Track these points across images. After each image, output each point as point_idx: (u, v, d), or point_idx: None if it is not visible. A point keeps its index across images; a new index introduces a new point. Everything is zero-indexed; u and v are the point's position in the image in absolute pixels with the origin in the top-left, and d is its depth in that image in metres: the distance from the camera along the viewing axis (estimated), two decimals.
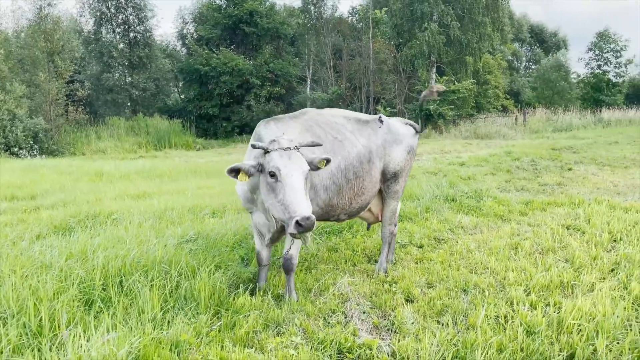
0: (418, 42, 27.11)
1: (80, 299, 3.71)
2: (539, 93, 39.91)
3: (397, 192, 5.20)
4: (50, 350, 2.98)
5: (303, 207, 3.51)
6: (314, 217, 3.47)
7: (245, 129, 30.70)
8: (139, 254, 4.41)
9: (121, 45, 30.22)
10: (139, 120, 28.07)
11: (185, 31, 35.63)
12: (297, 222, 3.42)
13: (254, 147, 3.87)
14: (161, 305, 3.68)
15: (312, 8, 31.79)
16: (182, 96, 34.22)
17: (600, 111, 34.29)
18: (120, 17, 30.23)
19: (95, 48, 29.62)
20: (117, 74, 30.42)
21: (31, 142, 21.38)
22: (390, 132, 5.03)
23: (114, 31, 30.49)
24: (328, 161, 4.02)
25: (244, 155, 4.33)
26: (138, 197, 8.86)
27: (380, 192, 5.15)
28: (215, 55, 29.39)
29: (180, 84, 34.88)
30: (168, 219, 6.59)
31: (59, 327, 3.26)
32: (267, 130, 4.23)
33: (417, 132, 5.41)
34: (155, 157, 20.61)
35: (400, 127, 5.20)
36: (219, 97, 30.20)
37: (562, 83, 39.28)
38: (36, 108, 23.34)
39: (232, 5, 30.81)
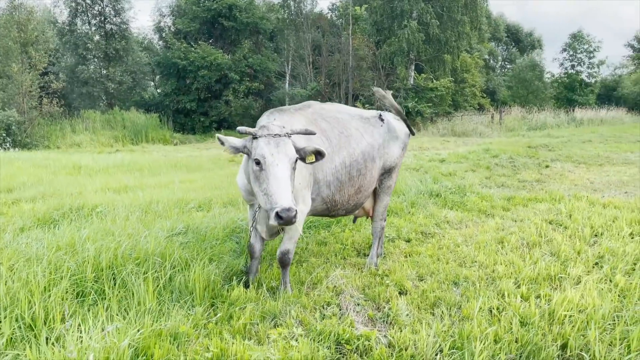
0: (397, 40, 27.25)
1: (72, 292, 3.64)
2: (514, 92, 40.58)
3: (390, 188, 5.23)
4: (47, 343, 2.92)
5: (284, 198, 3.39)
6: (294, 209, 3.36)
7: (223, 124, 30.46)
8: (130, 246, 4.34)
9: (97, 37, 29.58)
10: (115, 114, 27.58)
11: (162, 24, 35.09)
12: (277, 213, 3.34)
13: (240, 132, 3.72)
14: (157, 297, 3.63)
15: (291, 3, 31.67)
16: (159, 90, 33.73)
17: (573, 110, 35.07)
18: (96, 8, 29.57)
19: (70, 40, 28.93)
20: (93, 67, 29.78)
21: (4, 134, 20.83)
22: (389, 129, 5.05)
23: (89, 23, 29.82)
24: (320, 154, 3.84)
25: (224, 152, 4.23)
26: (120, 191, 8.72)
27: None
28: (193, 49, 29.05)
29: (157, 77, 34.39)
30: (154, 212, 6.50)
31: (53, 320, 3.19)
32: (269, 120, 4.15)
33: (412, 134, 5.46)
34: (132, 151, 20.30)
35: (396, 124, 5.23)
36: (196, 92, 29.88)
37: (536, 83, 39.99)
38: (9, 100, 22.73)
39: None
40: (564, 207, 7.67)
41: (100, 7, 29.69)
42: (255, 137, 3.67)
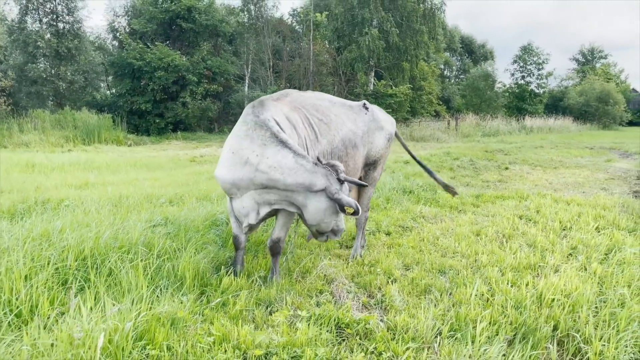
0: (358, 47, 27.54)
1: (56, 281, 3.43)
2: (468, 100, 41.72)
3: (375, 180, 5.22)
4: (40, 329, 2.72)
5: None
6: None
7: (180, 125, 29.80)
8: (112, 235, 4.15)
9: (48, 36, 28.38)
10: (65, 114, 26.45)
11: (116, 24, 34.10)
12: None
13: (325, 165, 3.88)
14: (147, 285, 3.47)
15: (252, 7, 31.46)
16: (113, 91, 32.68)
17: (523, 119, 36.44)
18: (47, 6, 28.36)
19: (20, 38, 27.64)
20: (42, 65, 28.55)
21: None
22: (374, 119, 5.04)
23: (40, 21, 28.54)
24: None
25: (181, 151, 4.04)
26: (82, 187, 8.36)
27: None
28: (149, 50, 28.36)
29: (110, 78, 33.34)
30: (126, 206, 6.24)
31: (40, 307, 2.99)
32: (268, 118, 3.99)
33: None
34: (86, 151, 19.53)
35: (382, 115, 5.23)
36: (152, 93, 29.09)
37: (489, 92, 41.29)
38: None
39: (170, 0, 29.88)
40: (531, 204, 7.90)
41: (52, 5, 28.52)
42: (342, 182, 3.86)
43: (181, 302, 3.35)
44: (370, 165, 5.05)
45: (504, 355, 3.13)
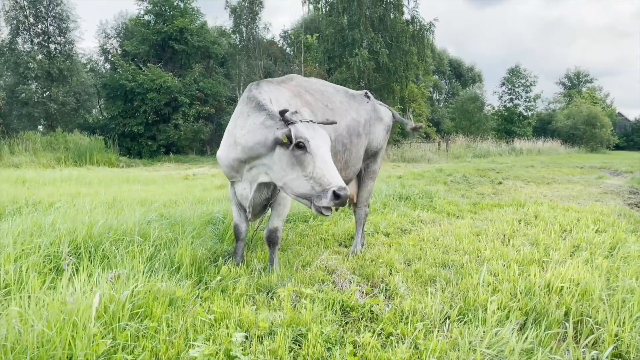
0: (349, 67, 27.76)
1: (48, 266, 3.27)
2: (458, 123, 42.07)
3: (375, 173, 5.14)
4: (31, 299, 2.56)
5: (337, 178, 3.27)
6: (348, 189, 3.27)
7: (172, 148, 29.65)
8: (106, 226, 4.00)
9: (39, 57, 28.34)
10: (57, 136, 26.24)
11: (108, 46, 34.19)
12: (334, 192, 3.16)
13: (282, 114, 3.49)
14: (143, 270, 3.32)
15: (243, 29, 31.72)
16: (105, 113, 32.57)
17: (513, 141, 36.75)
18: (39, 26, 28.41)
19: (10, 58, 27.58)
20: (34, 87, 28.43)
21: None
22: (374, 109, 4.99)
23: (31, 41, 28.51)
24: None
25: (174, 171, 3.97)
26: (75, 196, 8.17)
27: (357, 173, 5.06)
28: (142, 71, 28.38)
29: (102, 100, 33.26)
30: (119, 208, 6.08)
31: (26, 283, 2.83)
32: (260, 92, 3.97)
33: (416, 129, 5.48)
34: (78, 171, 19.34)
35: (380, 106, 5.19)
36: (144, 115, 28.99)
37: (478, 114, 41.71)
38: None
39: (162, 21, 30.04)
40: (529, 210, 7.84)
41: (43, 26, 28.57)
42: (290, 123, 3.48)
43: (179, 286, 3.20)
44: (371, 157, 4.98)
45: (517, 336, 3.01)
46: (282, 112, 3.46)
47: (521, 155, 34.00)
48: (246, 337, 2.67)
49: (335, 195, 3.15)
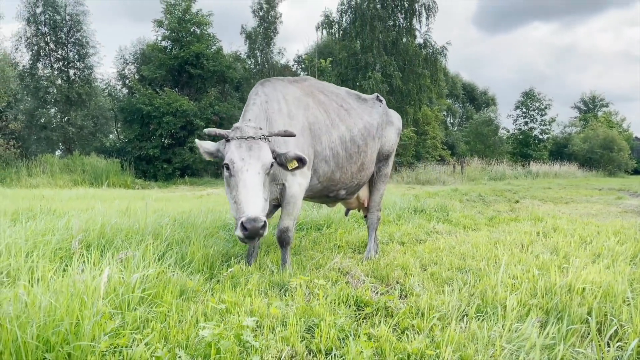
0: (362, 90, 27.95)
1: (58, 255, 3.25)
2: (472, 146, 41.91)
3: (386, 176, 5.09)
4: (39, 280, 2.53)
5: (251, 208, 3.08)
6: (262, 220, 3.06)
7: (187, 171, 29.88)
8: (118, 224, 3.99)
9: (59, 81, 28.99)
10: (74, 159, 26.65)
11: (126, 71, 34.90)
12: (241, 223, 3.02)
13: (207, 135, 3.47)
14: (154, 258, 3.28)
15: (258, 54, 32.22)
16: (121, 137, 33.05)
17: (529, 164, 36.43)
18: (59, 52, 29.14)
19: (31, 83, 28.25)
20: (53, 111, 29.02)
21: None
22: (386, 112, 4.98)
23: (51, 67, 29.22)
24: (301, 161, 3.54)
25: (188, 192, 4.03)
26: (89, 209, 8.22)
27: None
28: (158, 95, 28.84)
29: (119, 123, 33.79)
30: (132, 216, 6.08)
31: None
32: (257, 92, 4.01)
33: None
34: (94, 191, 19.54)
35: (390, 110, 5.17)
36: (160, 138, 29.37)
37: (493, 138, 41.54)
38: None
39: (179, 47, 30.64)
40: (547, 224, 7.69)
41: (63, 52, 29.30)
42: (228, 140, 3.40)
43: (190, 278, 3.15)
44: (382, 160, 4.94)
45: (538, 332, 2.89)
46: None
47: (538, 178, 33.60)
48: (257, 325, 2.60)
49: (243, 227, 3.02)
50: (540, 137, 44.86)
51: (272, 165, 3.40)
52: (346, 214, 5.75)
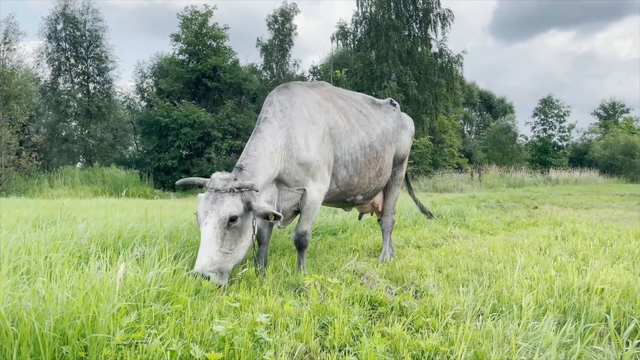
0: None
1: (75, 255, 3.31)
2: (490, 154, 41.54)
3: (401, 179, 5.10)
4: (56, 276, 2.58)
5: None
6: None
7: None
8: (135, 229, 4.05)
9: (79, 95, 29.61)
10: (94, 170, 27.13)
11: (144, 84, 35.45)
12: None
13: (177, 185, 3.77)
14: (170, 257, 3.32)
15: (274, 66, 32.49)
16: (140, 148, 33.51)
17: (548, 171, 35.94)
18: (79, 67, 29.78)
19: (52, 97, 28.90)
20: (74, 124, 29.61)
21: None
22: (400, 117, 4.99)
23: (72, 81, 29.87)
24: (276, 217, 3.49)
25: None
26: (108, 216, 8.34)
27: None
28: (176, 107, 29.23)
29: (138, 135, 34.27)
30: (152, 221, 6.16)
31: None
32: (279, 97, 4.05)
33: None
34: (114, 201, 19.81)
35: (403, 114, 5.18)
36: (178, 149, 29.72)
37: (510, 145, 41.13)
38: None
39: (196, 60, 31.06)
40: (566, 228, 7.59)
41: (83, 67, 29.92)
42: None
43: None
44: (397, 164, 4.94)
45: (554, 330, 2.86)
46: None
47: (557, 185, 33.13)
48: (271, 323, 2.62)
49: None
50: (560, 144, 44.30)
51: (233, 219, 3.37)
52: (359, 217, 5.76)
